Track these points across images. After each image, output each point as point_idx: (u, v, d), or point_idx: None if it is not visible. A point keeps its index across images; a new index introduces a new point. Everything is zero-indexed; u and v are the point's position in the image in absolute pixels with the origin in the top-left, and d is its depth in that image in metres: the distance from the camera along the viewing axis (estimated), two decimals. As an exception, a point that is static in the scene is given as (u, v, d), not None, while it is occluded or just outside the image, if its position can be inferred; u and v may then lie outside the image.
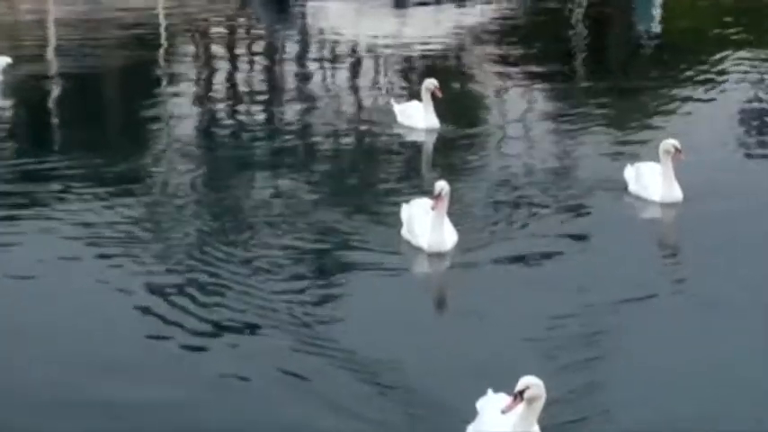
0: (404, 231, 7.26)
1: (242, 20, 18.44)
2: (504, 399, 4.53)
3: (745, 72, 13.68)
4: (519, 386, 4.30)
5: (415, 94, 11.35)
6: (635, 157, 8.77)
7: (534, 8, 19.32)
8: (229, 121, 12.38)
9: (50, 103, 12.85)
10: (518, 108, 12.61)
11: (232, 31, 17.92)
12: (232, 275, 6.90)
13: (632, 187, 8.07)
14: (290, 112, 12.66)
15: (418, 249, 7.07)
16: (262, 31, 17.82)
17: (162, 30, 17.26)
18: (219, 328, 6.11)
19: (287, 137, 11.42)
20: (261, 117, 12.58)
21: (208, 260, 7.16)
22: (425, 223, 6.93)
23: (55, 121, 12.36)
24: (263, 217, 8.21)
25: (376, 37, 16.41)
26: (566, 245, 7.45)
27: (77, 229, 7.72)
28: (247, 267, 7.07)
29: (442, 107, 10.85)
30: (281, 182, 9.33)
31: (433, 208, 6.78)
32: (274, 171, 9.84)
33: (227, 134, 11.81)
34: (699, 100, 12.56)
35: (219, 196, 8.88)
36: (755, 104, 12.23)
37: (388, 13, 18.31)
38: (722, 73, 13.88)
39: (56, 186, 8.89)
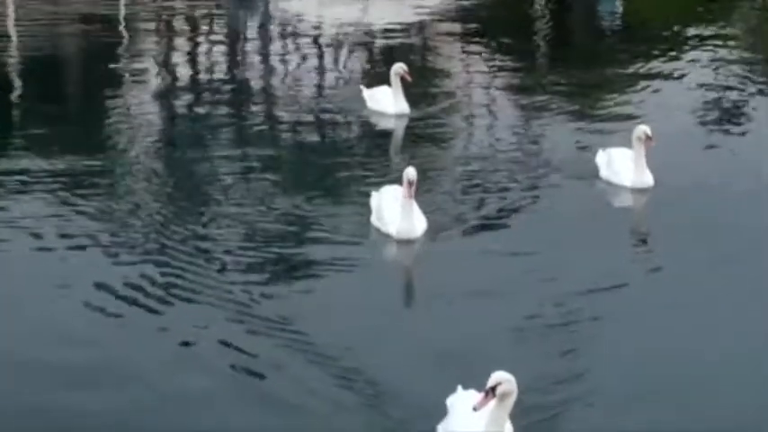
0: (373, 218, 7.19)
1: (205, 9, 17.96)
2: (474, 396, 4.41)
3: (711, 54, 13.64)
4: (490, 382, 4.20)
5: (382, 79, 11.13)
6: (605, 142, 8.66)
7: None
8: (193, 107, 12.08)
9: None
10: (485, 93, 12.48)
11: (195, 18, 17.46)
12: (193, 263, 6.76)
13: (603, 173, 8.03)
14: (256, 98, 12.50)
15: (387, 236, 6.96)
16: (225, 18, 17.40)
17: (122, 16, 16.72)
18: (175, 319, 6.00)
19: (253, 123, 11.17)
20: (225, 104, 12.16)
21: (170, 249, 7.02)
22: (395, 210, 6.84)
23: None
24: (227, 204, 8.03)
25: (341, 23, 16.13)
26: (537, 232, 7.35)
27: (40, 219, 7.58)
28: (211, 255, 6.93)
29: (410, 92, 10.69)
30: (247, 167, 9.13)
31: (404, 196, 6.70)
32: (241, 157, 9.60)
33: (190, 120, 11.53)
34: (665, 82, 12.46)
35: (182, 184, 8.69)
36: (720, 87, 12.21)
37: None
38: (686, 55, 13.86)
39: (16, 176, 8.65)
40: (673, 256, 6.89)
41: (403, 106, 10.61)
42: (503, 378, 4.21)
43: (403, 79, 10.28)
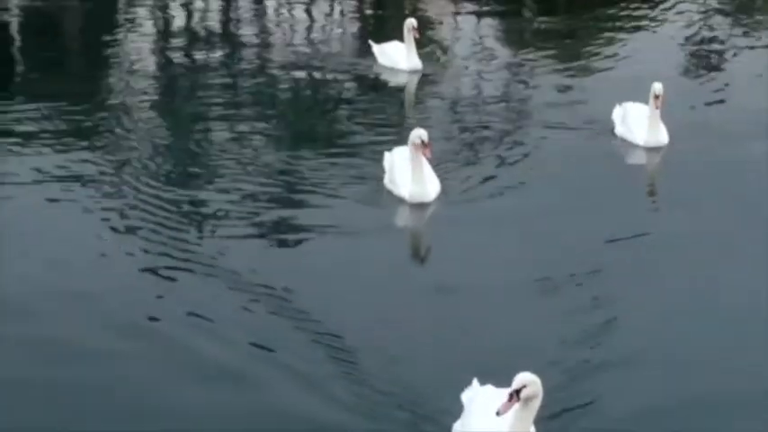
0: (386, 181, 7.03)
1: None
2: (492, 392, 4.24)
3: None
4: (515, 384, 3.89)
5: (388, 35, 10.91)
6: (621, 97, 8.50)
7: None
8: (192, 64, 11.86)
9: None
10: (493, 47, 12.28)
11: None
12: (197, 225, 6.77)
13: (618, 129, 8.05)
14: (262, 54, 12.13)
15: (400, 200, 6.84)
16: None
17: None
18: (176, 284, 6.00)
19: (259, 81, 10.92)
20: (229, 60, 11.86)
21: (172, 210, 6.97)
22: (407, 173, 6.69)
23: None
24: (234, 166, 7.91)
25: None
26: (552, 191, 7.28)
27: (41, 173, 7.64)
28: (216, 218, 6.89)
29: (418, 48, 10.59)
30: (254, 128, 8.94)
31: (413, 159, 6.58)
32: (247, 117, 9.43)
33: (192, 77, 11.32)
34: (658, 34, 12.70)
35: (186, 144, 8.60)
36: (707, 39, 12.43)
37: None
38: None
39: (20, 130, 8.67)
40: (685, 209, 6.94)
41: (415, 62, 10.47)
42: (528, 380, 3.91)
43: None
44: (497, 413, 3.88)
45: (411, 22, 10.20)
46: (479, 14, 13.59)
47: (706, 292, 5.74)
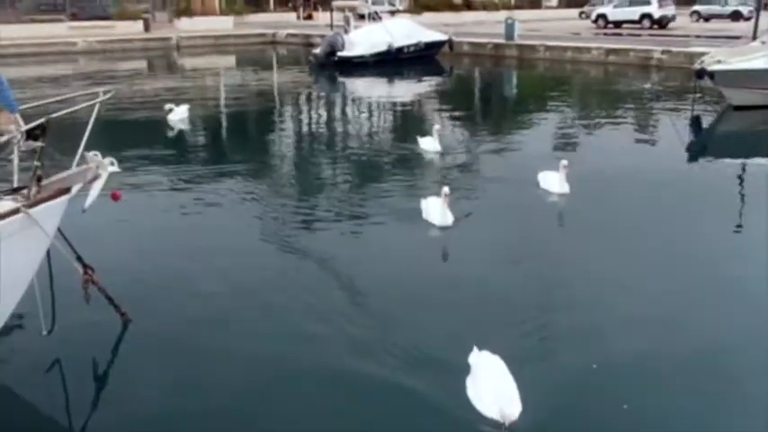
0: (424, 215, 10.10)
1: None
2: (489, 357, 5.80)
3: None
4: None
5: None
6: (541, 166, 11.94)
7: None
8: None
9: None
10: (470, 139, 16.51)
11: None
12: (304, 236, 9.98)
13: (542, 185, 11.53)
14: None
15: (432, 224, 9.92)
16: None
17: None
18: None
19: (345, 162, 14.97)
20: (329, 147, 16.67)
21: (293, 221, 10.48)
22: (436, 210, 9.86)
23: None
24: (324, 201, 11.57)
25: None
26: (515, 219, 10.32)
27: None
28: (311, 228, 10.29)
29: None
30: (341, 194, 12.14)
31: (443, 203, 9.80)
32: (333, 187, 12.77)
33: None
34: (551, 126, 18.01)
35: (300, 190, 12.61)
36: (583, 125, 18.22)
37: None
38: (548, 113, 20.22)
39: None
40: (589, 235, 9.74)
41: (437, 147, 14.44)
42: None
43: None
44: None
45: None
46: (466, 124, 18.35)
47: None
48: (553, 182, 11.18)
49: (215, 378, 6.23)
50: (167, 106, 18.35)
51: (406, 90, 26.57)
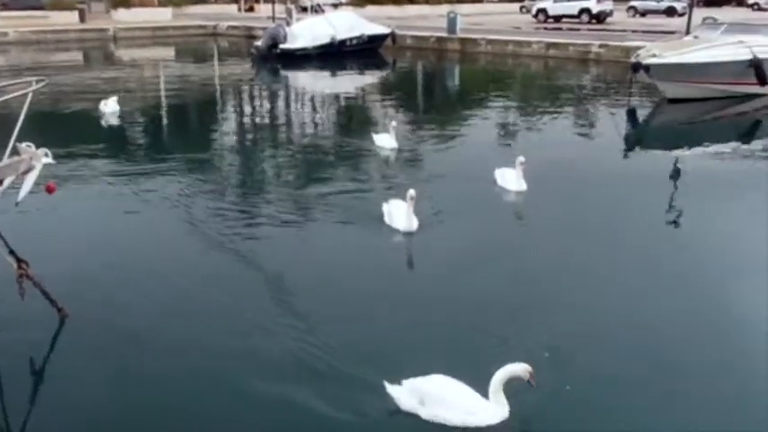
0: (386, 219, 9.55)
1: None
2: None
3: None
4: None
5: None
6: (498, 164, 11.83)
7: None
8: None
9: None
10: (418, 137, 15.80)
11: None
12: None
13: (499, 182, 11.46)
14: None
15: (396, 230, 9.35)
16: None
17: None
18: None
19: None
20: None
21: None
22: (401, 214, 9.32)
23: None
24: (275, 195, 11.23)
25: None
26: (477, 219, 10.00)
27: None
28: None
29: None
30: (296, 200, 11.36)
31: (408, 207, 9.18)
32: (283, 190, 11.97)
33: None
34: (495, 124, 17.87)
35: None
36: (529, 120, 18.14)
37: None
38: (493, 107, 20.15)
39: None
40: (544, 225, 9.88)
41: (394, 143, 13.99)
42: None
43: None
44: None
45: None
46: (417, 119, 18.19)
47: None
48: (510, 179, 11.19)
49: (154, 372, 6.14)
50: (102, 102, 17.97)
51: (350, 83, 26.51)
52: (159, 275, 8.01)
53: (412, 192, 9.14)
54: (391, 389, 5.63)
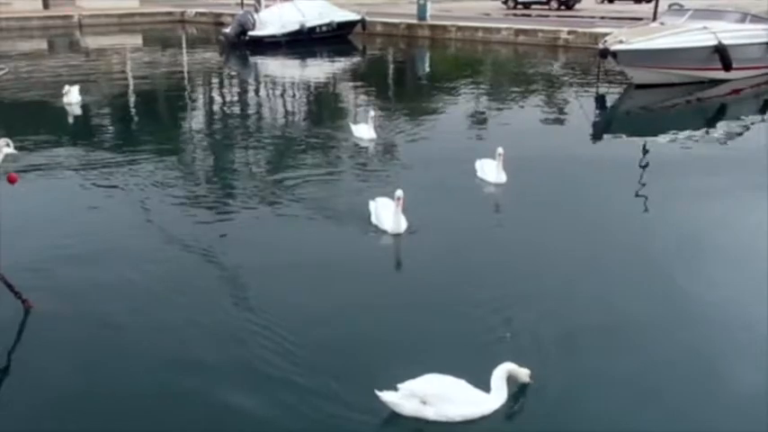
0: (373, 219, 9.13)
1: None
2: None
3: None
4: None
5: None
6: (479, 155, 11.68)
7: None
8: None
9: None
10: (394, 127, 15.52)
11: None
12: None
13: (479, 174, 11.34)
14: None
15: (384, 231, 8.93)
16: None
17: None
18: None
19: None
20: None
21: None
22: (388, 215, 8.90)
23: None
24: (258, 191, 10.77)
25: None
26: (454, 218, 9.58)
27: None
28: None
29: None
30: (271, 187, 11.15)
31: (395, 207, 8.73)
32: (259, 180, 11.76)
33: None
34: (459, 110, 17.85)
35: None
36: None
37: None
38: (465, 95, 20.12)
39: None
40: (526, 214, 9.86)
41: (372, 134, 13.79)
42: None
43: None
44: None
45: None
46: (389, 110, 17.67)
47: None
48: (490, 171, 11.07)
49: (119, 363, 6.08)
50: (66, 87, 17.62)
51: (320, 71, 26.36)
52: (125, 267, 7.90)
53: (399, 192, 8.73)
54: (386, 395, 5.40)
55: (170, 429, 5.37)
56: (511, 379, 5.60)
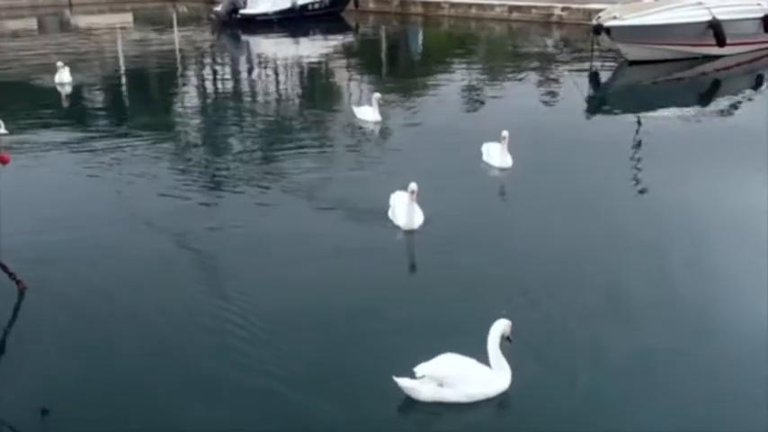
0: (389, 213, 8.80)
1: None
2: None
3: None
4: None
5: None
6: (482, 137, 11.46)
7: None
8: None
9: None
10: (395, 108, 15.21)
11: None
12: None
13: (485, 158, 11.20)
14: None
15: (397, 227, 8.59)
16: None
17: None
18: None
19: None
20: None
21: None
22: (402, 208, 8.52)
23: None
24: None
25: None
26: (466, 208, 9.26)
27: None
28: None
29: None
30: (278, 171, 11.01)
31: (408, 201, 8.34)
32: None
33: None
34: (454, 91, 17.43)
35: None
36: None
37: None
38: (461, 72, 19.92)
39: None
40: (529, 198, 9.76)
41: (377, 116, 13.53)
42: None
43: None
44: None
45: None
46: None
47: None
48: (495, 155, 10.87)
49: (113, 344, 6.09)
50: (59, 63, 17.43)
51: (314, 49, 26.12)
52: (120, 248, 7.90)
53: (413, 185, 8.25)
54: (403, 382, 5.30)
55: (168, 409, 5.38)
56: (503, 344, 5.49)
